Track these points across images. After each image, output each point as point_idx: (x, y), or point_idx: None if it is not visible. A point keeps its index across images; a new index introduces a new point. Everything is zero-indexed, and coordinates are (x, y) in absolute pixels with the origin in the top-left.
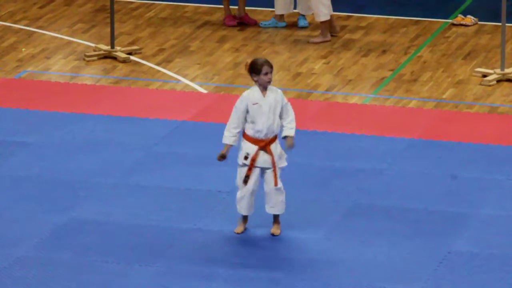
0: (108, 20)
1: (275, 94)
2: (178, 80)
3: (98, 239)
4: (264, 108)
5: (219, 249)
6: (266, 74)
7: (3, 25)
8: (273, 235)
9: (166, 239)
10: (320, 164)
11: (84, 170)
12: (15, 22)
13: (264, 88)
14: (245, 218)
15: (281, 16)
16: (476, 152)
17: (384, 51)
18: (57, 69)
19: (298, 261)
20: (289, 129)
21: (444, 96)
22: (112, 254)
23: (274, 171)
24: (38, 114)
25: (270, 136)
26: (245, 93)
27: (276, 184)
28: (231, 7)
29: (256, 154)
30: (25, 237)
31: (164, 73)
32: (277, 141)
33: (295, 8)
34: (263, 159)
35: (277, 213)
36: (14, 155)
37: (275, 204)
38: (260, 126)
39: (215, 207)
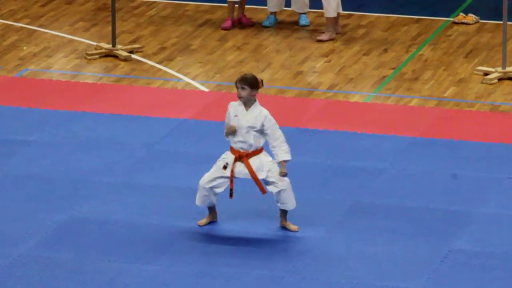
0: (110, 18)
1: (257, 113)
2: (180, 79)
3: (99, 238)
4: (241, 122)
5: (220, 247)
6: (237, 88)
7: (4, 23)
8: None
9: (167, 237)
10: (321, 162)
11: (85, 169)
12: (16, 21)
13: (243, 103)
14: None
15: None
16: (478, 151)
17: (385, 50)
18: (59, 68)
19: (299, 259)
20: (284, 153)
21: (445, 95)
22: (113, 252)
23: (257, 182)
24: (40, 113)
25: (248, 150)
26: (232, 103)
27: (263, 192)
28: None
29: (234, 165)
30: (26, 236)
31: (166, 72)
32: (260, 154)
33: (287, 5)
34: (244, 171)
35: (286, 209)
36: (16, 153)
37: (284, 201)
38: (236, 138)
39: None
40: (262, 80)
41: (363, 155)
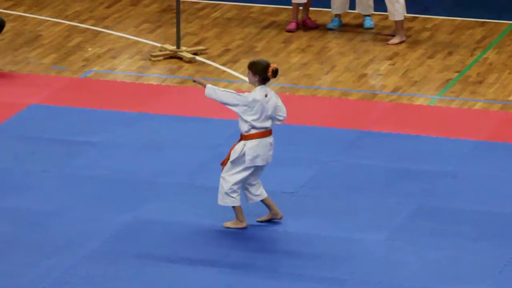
0: (174, 20)
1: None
2: (244, 81)
3: (162, 239)
4: None
5: (284, 249)
6: None
7: (69, 24)
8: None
9: (230, 239)
10: (384, 165)
11: (149, 170)
12: (81, 22)
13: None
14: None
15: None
16: None
17: (450, 53)
18: (123, 69)
19: (362, 262)
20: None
21: (510, 98)
22: (176, 254)
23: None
24: (104, 114)
25: (241, 132)
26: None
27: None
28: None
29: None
30: (91, 236)
31: (230, 74)
32: (247, 142)
33: (352, 8)
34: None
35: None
36: (80, 154)
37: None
38: None
39: (279, 207)
40: (273, 70)
41: (427, 158)
